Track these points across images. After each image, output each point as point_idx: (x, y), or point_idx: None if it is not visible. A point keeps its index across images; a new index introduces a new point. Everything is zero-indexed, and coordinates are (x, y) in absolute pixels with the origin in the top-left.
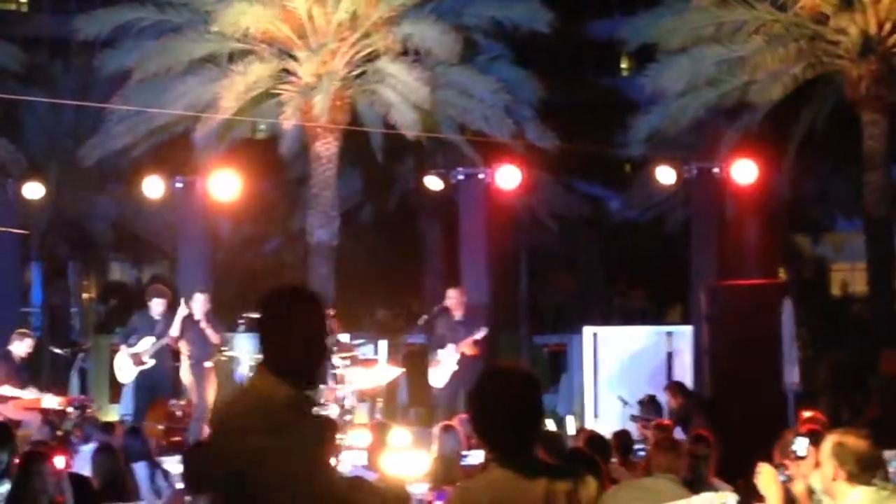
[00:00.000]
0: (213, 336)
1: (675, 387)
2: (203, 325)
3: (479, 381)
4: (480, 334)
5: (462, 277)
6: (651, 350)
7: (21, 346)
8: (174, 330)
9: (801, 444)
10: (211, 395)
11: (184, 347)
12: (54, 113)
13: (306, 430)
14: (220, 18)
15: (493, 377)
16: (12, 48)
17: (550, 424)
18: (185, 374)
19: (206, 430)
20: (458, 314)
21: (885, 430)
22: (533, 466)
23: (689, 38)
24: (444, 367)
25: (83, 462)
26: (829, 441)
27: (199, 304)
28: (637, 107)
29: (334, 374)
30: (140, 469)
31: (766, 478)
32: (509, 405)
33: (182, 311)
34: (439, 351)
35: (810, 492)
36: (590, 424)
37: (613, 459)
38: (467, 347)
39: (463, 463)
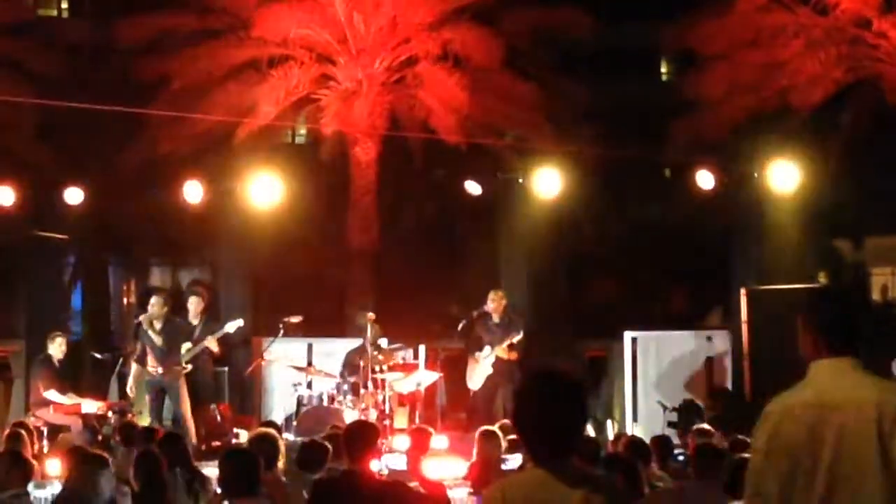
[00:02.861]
0: None
1: (715, 391)
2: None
3: (523, 382)
4: (515, 338)
5: (501, 282)
6: (691, 354)
7: (58, 348)
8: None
9: None
10: (186, 404)
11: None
12: (95, 118)
13: None
14: (259, 24)
15: (537, 379)
16: (53, 53)
17: (590, 429)
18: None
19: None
20: (496, 318)
21: None
22: (572, 473)
23: (729, 43)
24: (480, 369)
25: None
26: None
27: (152, 308)
28: (677, 111)
29: (374, 379)
30: (178, 474)
31: None
32: (552, 408)
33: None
34: (476, 353)
35: None
36: (629, 429)
37: (653, 464)
38: (502, 351)
39: (503, 467)
